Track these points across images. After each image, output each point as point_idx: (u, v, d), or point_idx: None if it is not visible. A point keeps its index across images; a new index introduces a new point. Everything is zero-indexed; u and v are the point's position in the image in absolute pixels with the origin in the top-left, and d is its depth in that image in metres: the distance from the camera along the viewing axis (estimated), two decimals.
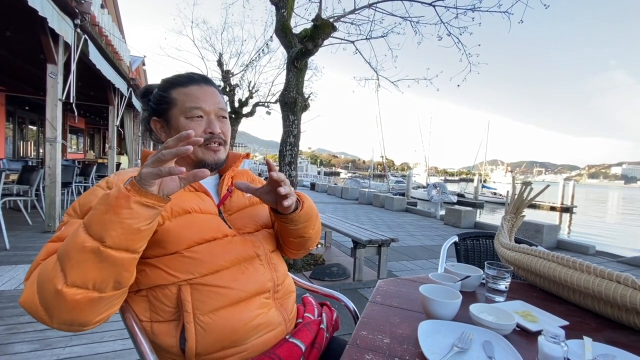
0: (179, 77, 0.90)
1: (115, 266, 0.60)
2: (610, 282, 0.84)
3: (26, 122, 11.31)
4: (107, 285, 0.60)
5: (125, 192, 0.58)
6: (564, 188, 21.60)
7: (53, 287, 0.57)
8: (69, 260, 0.57)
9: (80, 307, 0.59)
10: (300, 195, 0.89)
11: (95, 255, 0.57)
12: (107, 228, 0.58)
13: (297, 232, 0.90)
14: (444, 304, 0.81)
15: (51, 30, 3.70)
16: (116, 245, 0.58)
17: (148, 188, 0.59)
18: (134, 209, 0.59)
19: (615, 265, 4.87)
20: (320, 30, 3.39)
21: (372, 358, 0.66)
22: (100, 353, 1.81)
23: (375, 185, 25.70)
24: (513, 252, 1.15)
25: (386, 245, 3.41)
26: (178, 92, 0.87)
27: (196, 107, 0.85)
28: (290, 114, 3.69)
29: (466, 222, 7.57)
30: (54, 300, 0.58)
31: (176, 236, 0.76)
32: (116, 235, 0.58)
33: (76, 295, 0.57)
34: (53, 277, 0.58)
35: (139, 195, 0.59)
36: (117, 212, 0.58)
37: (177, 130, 0.86)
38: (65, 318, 0.60)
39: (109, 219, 0.58)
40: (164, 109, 0.88)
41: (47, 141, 4.17)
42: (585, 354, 0.68)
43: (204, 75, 0.93)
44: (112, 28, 6.16)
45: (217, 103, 0.88)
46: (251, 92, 11.77)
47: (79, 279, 0.57)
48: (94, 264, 0.58)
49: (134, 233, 0.60)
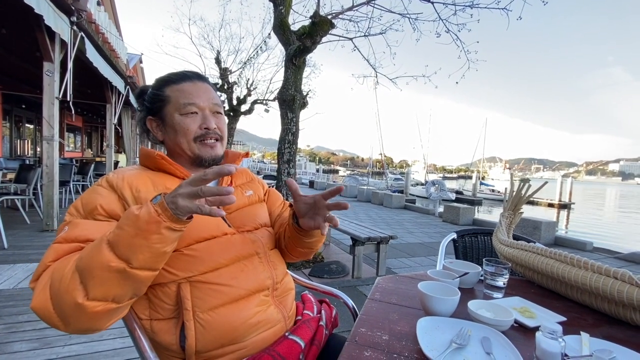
0: (172, 74, 0.90)
1: (137, 282, 0.61)
2: (607, 278, 0.84)
3: (23, 120, 11.24)
4: (126, 297, 0.62)
5: (157, 218, 0.58)
6: (562, 185, 21.70)
7: (73, 300, 0.57)
8: (92, 278, 0.57)
9: (98, 317, 0.60)
10: None
11: (120, 275, 0.58)
12: (135, 252, 0.58)
13: (309, 244, 0.91)
14: (442, 301, 0.81)
15: (47, 27, 3.67)
16: (142, 267, 0.60)
17: (181, 217, 0.60)
18: (164, 234, 0.59)
19: (613, 262, 4.90)
20: (319, 27, 3.38)
21: (371, 355, 0.66)
22: (100, 351, 1.81)
23: (373, 182, 25.73)
24: (511, 249, 1.16)
25: (385, 243, 3.41)
26: (171, 90, 0.87)
27: (190, 103, 0.85)
28: (289, 111, 3.68)
29: (464, 219, 7.60)
30: (72, 311, 0.58)
31: None
32: (143, 259, 0.59)
33: (96, 307, 0.58)
34: (72, 290, 0.57)
35: (171, 222, 0.59)
36: (147, 237, 0.58)
37: (173, 127, 0.86)
38: (82, 327, 0.61)
39: (138, 243, 0.58)
40: (159, 107, 0.88)
41: (44, 140, 4.15)
42: (582, 349, 0.68)
43: (197, 72, 0.93)
44: (108, 25, 6.11)
45: (211, 99, 0.88)
46: (249, 90, 11.73)
47: (101, 294, 0.58)
48: (118, 281, 0.59)
49: (160, 255, 0.61)
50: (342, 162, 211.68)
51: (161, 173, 0.85)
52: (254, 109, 11.77)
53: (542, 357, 0.62)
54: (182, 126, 0.85)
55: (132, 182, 0.78)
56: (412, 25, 4.32)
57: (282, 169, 3.69)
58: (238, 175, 1.00)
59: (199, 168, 0.90)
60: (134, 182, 0.78)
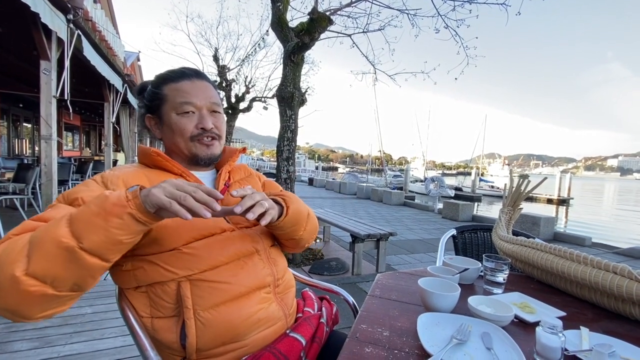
0: (171, 72, 0.89)
1: (83, 269, 0.57)
2: (607, 273, 0.85)
3: (21, 119, 11.20)
4: (66, 285, 0.57)
5: (124, 202, 0.57)
6: (561, 180, 21.73)
7: (10, 272, 0.54)
8: (39, 250, 0.55)
9: (30, 299, 0.56)
10: (286, 198, 0.86)
11: (68, 254, 0.55)
12: (90, 231, 0.56)
13: (286, 235, 0.90)
14: (442, 297, 0.81)
15: (44, 26, 3.64)
16: (92, 250, 0.56)
17: (149, 208, 0.59)
18: (125, 220, 0.57)
19: (611, 257, 4.92)
20: (317, 23, 3.36)
21: (372, 351, 0.66)
22: (101, 350, 1.81)
23: (373, 179, 25.73)
24: (511, 245, 1.16)
25: (384, 239, 3.42)
26: (169, 88, 0.86)
27: (187, 102, 0.84)
28: (288, 108, 3.67)
29: (464, 215, 7.61)
30: (6, 283, 0.55)
31: (173, 233, 0.75)
32: (96, 241, 0.56)
33: (31, 286, 0.55)
34: (15, 261, 0.55)
35: (136, 210, 0.58)
36: (107, 219, 0.57)
37: (170, 126, 0.86)
38: (10, 305, 0.57)
39: (96, 222, 0.56)
40: (157, 105, 0.87)
41: (42, 139, 4.13)
42: (582, 344, 0.69)
43: (196, 69, 0.92)
44: (105, 23, 6.07)
45: (209, 97, 0.87)
46: (248, 87, 11.69)
47: (41, 270, 0.55)
48: (63, 261, 0.56)
49: (115, 244, 0.58)
50: (341, 159, 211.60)
51: (158, 170, 0.85)
52: (252, 106, 11.73)
53: (543, 352, 0.62)
54: (178, 126, 0.85)
55: (127, 179, 0.78)
56: (410, 21, 4.30)
57: (281, 166, 3.69)
58: (236, 171, 1.00)
59: (196, 166, 0.90)
60: (129, 179, 0.78)
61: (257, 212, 0.70)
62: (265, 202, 0.74)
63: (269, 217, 0.74)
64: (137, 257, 0.75)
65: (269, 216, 0.74)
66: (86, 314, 2.20)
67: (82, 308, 2.27)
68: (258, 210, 0.71)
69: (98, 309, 2.28)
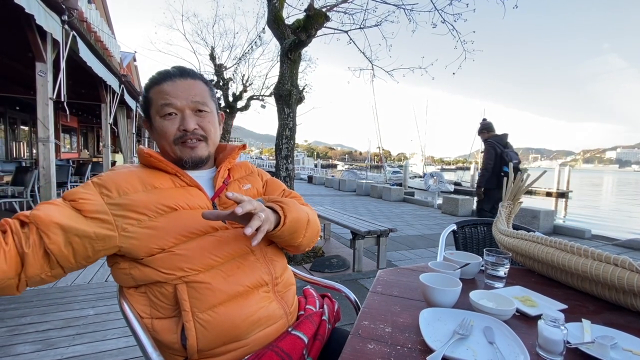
0: (157, 74, 0.87)
1: None
2: (607, 265, 0.85)
3: (18, 122, 11.14)
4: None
5: None
6: (560, 174, 21.75)
7: None
8: None
9: None
10: (284, 207, 0.81)
11: None
12: None
13: (283, 242, 0.87)
14: (444, 292, 0.81)
15: (38, 27, 3.61)
16: None
17: None
18: None
19: (611, 249, 4.94)
20: (313, 20, 3.34)
21: (374, 347, 0.66)
22: (104, 351, 1.82)
23: (372, 176, 25.73)
24: (511, 239, 1.16)
25: (385, 236, 3.42)
26: (154, 91, 0.85)
27: (167, 104, 0.82)
28: (286, 106, 3.66)
29: (464, 210, 7.62)
30: None
31: (163, 234, 0.74)
32: None
33: None
34: None
35: None
36: None
37: (156, 130, 0.85)
38: None
39: None
40: (146, 109, 0.87)
41: (40, 141, 4.11)
42: (584, 336, 0.69)
43: (183, 68, 0.88)
44: (100, 24, 6.03)
45: (192, 96, 0.84)
46: (245, 86, 11.63)
47: None
48: None
49: None
50: (340, 156, 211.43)
51: (155, 170, 0.84)
52: (250, 105, 11.68)
53: (545, 345, 0.62)
54: (162, 129, 0.83)
55: (119, 182, 0.77)
56: (407, 17, 4.27)
57: (280, 164, 3.68)
58: (237, 169, 0.99)
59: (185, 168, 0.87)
60: (122, 184, 0.77)
61: (255, 226, 0.67)
62: (262, 214, 0.70)
63: (260, 235, 0.68)
64: (130, 263, 0.76)
65: (261, 234, 0.68)
66: (88, 315, 2.20)
67: (84, 310, 2.27)
68: (255, 224, 0.67)
69: (100, 310, 2.28)
